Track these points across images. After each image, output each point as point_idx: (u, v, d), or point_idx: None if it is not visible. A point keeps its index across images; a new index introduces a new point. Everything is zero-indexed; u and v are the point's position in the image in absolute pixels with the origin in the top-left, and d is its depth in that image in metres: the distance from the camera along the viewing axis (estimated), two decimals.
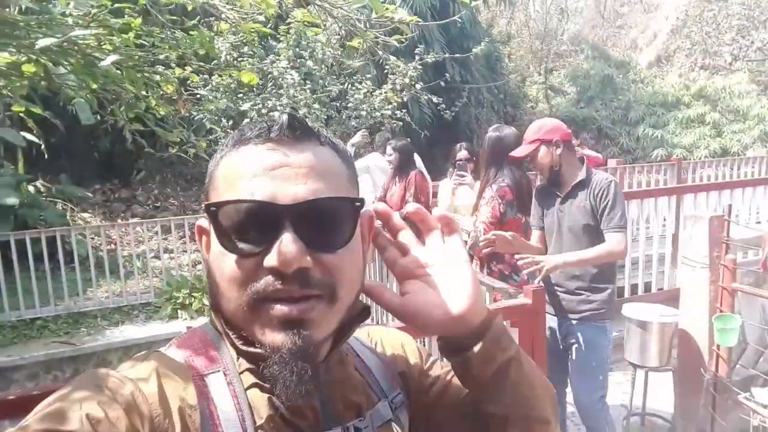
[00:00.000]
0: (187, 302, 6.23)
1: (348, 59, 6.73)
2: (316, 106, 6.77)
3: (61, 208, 8.36)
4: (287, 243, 0.55)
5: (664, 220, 5.03)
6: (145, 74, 1.94)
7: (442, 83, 7.52)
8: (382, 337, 0.81)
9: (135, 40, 1.87)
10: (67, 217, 8.14)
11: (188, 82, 4.58)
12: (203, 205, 0.61)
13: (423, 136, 8.64)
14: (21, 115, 3.53)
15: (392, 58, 2.83)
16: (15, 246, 5.77)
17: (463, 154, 4.54)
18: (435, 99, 7.43)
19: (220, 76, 7.14)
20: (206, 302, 6.23)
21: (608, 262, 2.70)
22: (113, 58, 1.62)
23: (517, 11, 16.60)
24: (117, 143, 8.70)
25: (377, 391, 0.72)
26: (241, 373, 0.62)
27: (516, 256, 2.61)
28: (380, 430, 0.68)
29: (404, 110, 7.29)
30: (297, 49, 6.95)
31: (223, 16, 1.68)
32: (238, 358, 0.63)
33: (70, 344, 5.54)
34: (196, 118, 7.18)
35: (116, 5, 1.70)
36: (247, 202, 0.57)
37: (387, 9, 1.76)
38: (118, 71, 2.09)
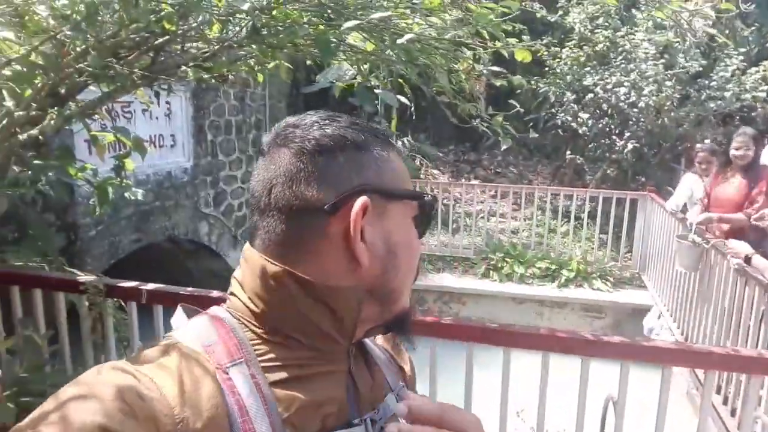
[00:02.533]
0: (499, 265, 6.57)
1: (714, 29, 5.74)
2: (669, 83, 6.04)
3: (418, 162, 9.68)
4: None
5: None
6: (443, 50, 2.14)
7: None
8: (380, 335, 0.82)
9: (431, 19, 2.09)
10: (421, 172, 9.38)
11: (541, 54, 4.68)
12: (424, 193, 0.69)
13: None
14: (399, 81, 4.23)
15: (713, 31, 2.24)
16: None
17: None
18: None
19: (571, 48, 7.04)
20: (517, 269, 6.45)
21: None
22: (408, 36, 1.86)
23: None
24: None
25: (384, 383, 0.73)
26: (265, 366, 0.61)
27: None
28: (388, 421, 0.68)
29: None
30: (659, 19, 6.27)
31: None
32: (262, 349, 0.62)
33: None
34: (541, 91, 7.27)
35: None
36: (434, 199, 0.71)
37: None
38: (428, 47, 2.36)
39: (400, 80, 4.14)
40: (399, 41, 1.85)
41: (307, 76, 8.82)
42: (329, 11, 2.11)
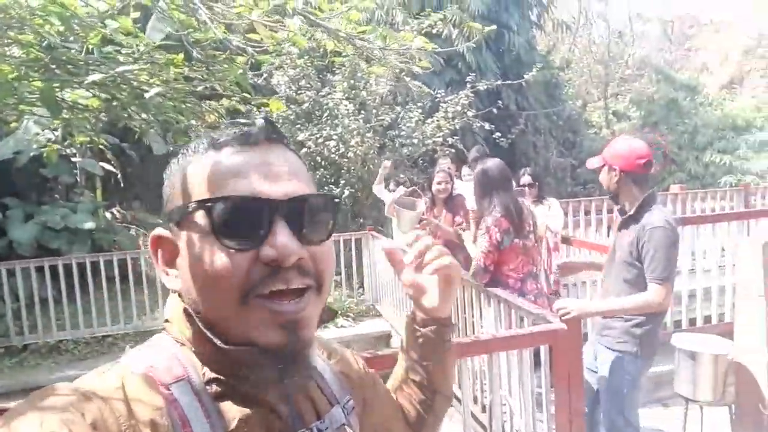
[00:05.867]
0: None
1: (400, 89, 6.93)
2: (369, 134, 6.97)
3: (134, 233, 8.91)
4: (286, 235, 0.59)
5: (723, 249, 4.79)
6: (188, 104, 2.13)
7: (495, 110, 7.56)
8: (325, 345, 0.86)
9: (179, 73, 2.06)
10: (140, 242, 8.66)
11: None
12: (190, 204, 0.61)
13: None
14: (101, 147, 3.83)
15: (417, 83, 2.87)
16: (90, 267, 6.20)
17: (526, 179, 4.57)
18: (487, 126, 7.45)
19: (280, 108, 7.51)
20: None
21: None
22: (156, 90, 1.81)
23: (579, 37, 16.40)
24: None
25: (329, 395, 0.76)
26: (207, 382, 0.62)
27: (556, 305, 2.59)
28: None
29: (456, 137, 7.36)
30: (352, 81, 7.22)
31: (249, 50, 1.83)
32: (202, 368, 0.63)
33: None
34: None
35: (163, 42, 1.89)
36: (245, 198, 0.59)
37: (404, 38, 1.86)
38: (170, 103, 2.29)
39: (102, 146, 3.85)
40: (147, 95, 1.77)
41: None
42: (53, 66, 1.91)
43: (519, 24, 10.31)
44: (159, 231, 0.66)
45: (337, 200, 0.68)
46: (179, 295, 0.66)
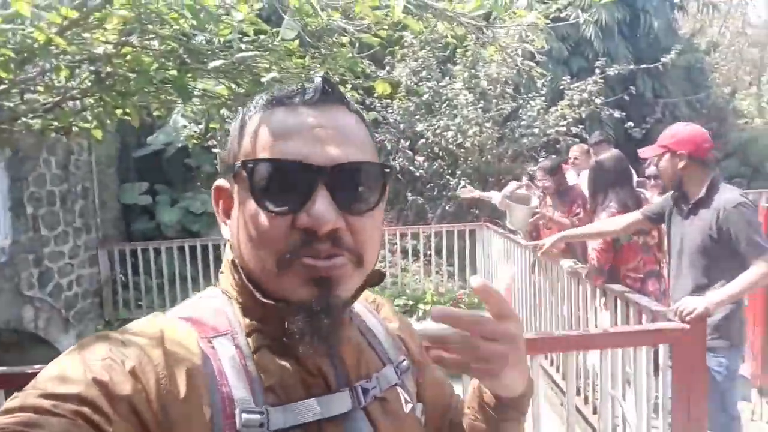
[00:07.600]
0: None
1: (519, 77, 6.72)
2: (488, 124, 6.84)
3: None
4: (323, 204, 0.57)
5: None
6: None
7: (626, 97, 7.05)
8: (384, 303, 0.82)
9: (299, 63, 2.18)
10: None
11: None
12: (237, 163, 0.62)
13: None
14: None
15: (532, 63, 2.70)
16: (224, 249, 6.76)
17: (651, 170, 4.25)
18: (617, 114, 6.98)
19: (401, 99, 7.63)
20: None
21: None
22: (272, 74, 1.92)
23: (732, 18, 14.78)
24: None
25: (382, 355, 0.72)
26: (249, 335, 0.63)
27: (673, 307, 2.41)
28: (386, 393, 0.69)
29: (581, 126, 6.98)
30: (473, 71, 7.12)
31: (349, 29, 1.87)
32: (247, 320, 0.64)
33: None
34: (377, 139, 7.73)
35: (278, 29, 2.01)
36: (286, 162, 0.58)
37: (514, 14, 1.79)
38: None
39: None
40: (264, 79, 1.90)
41: (137, 139, 8.37)
42: (185, 56, 2.10)
43: (657, 6, 9.51)
44: (219, 182, 0.67)
45: (388, 170, 0.63)
46: (231, 246, 0.66)
